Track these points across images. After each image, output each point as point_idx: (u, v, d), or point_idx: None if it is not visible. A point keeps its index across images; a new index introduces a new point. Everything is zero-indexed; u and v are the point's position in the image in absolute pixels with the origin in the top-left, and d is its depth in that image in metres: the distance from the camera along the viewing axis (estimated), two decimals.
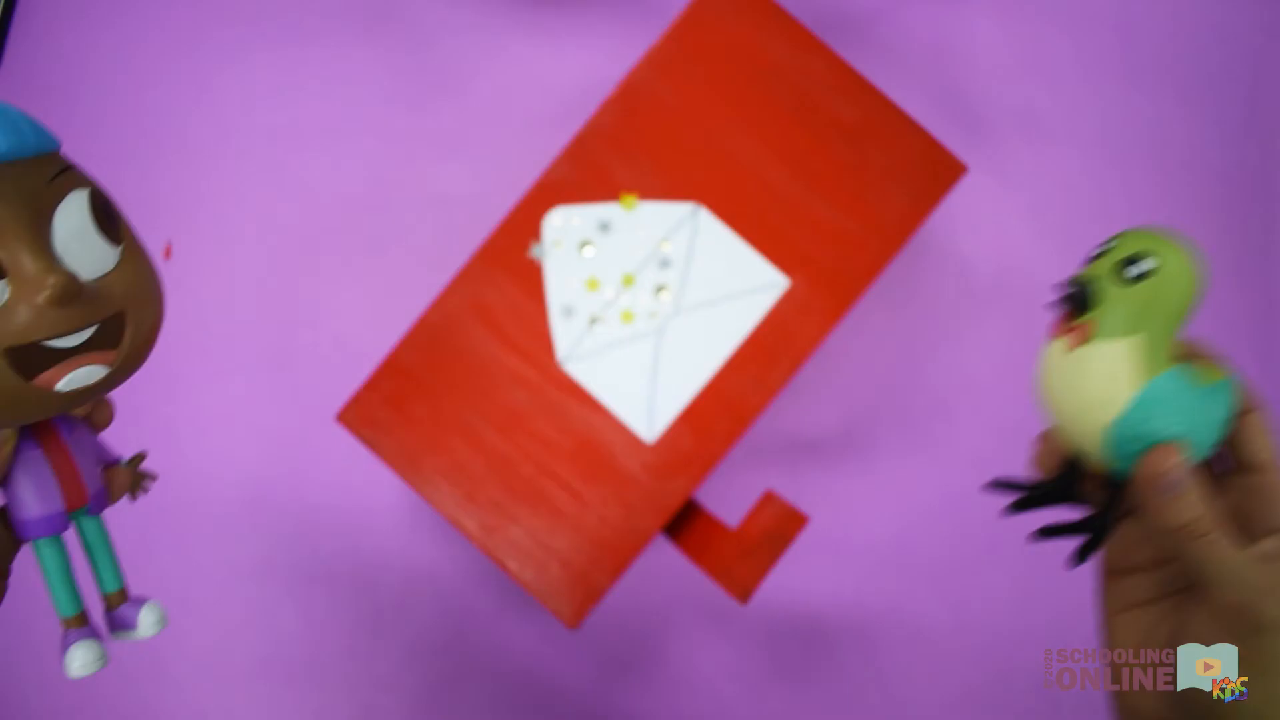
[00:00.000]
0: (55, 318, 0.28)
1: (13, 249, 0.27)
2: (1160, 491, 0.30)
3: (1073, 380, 0.31)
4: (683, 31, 0.56)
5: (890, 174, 0.55)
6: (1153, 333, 0.30)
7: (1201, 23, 0.67)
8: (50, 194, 0.29)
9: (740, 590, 0.52)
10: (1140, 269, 0.30)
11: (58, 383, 0.28)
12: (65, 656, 0.33)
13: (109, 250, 0.30)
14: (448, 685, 0.63)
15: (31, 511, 0.32)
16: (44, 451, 0.32)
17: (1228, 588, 0.30)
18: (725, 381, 0.55)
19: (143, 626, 0.35)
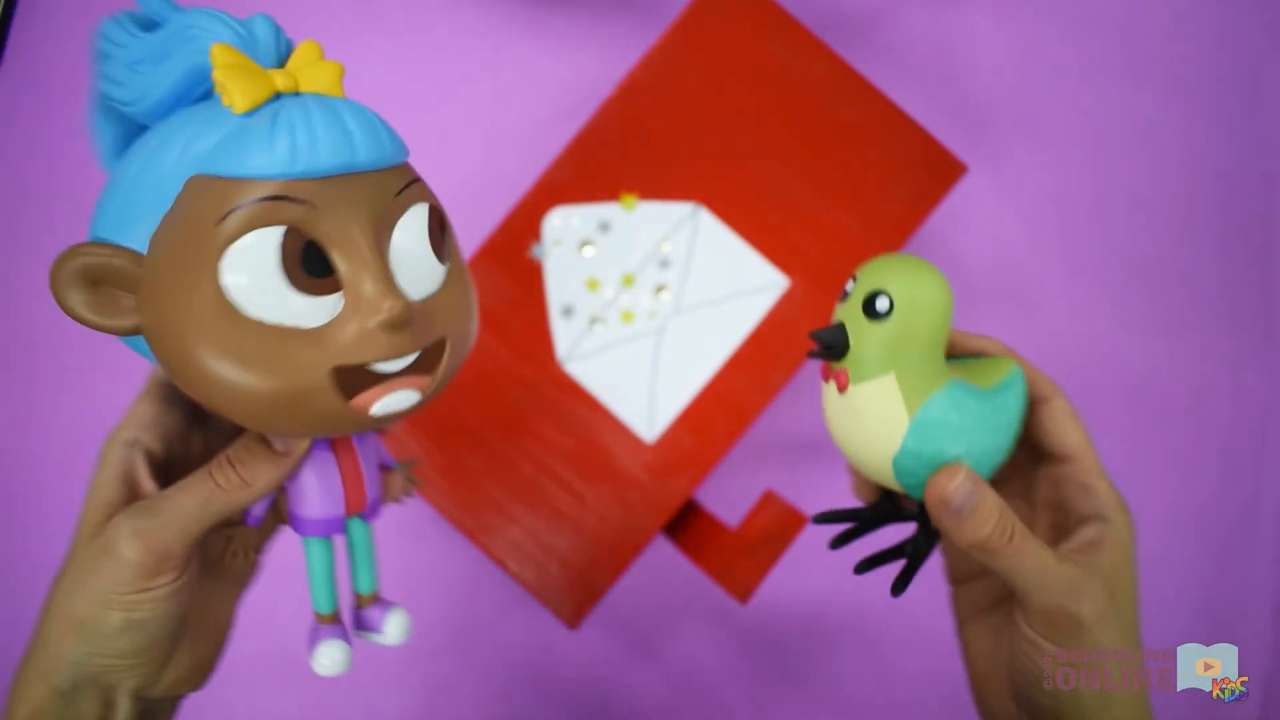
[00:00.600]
0: (385, 343, 0.26)
1: (355, 265, 0.26)
2: (951, 514, 0.30)
3: (849, 421, 0.31)
4: (683, 31, 0.56)
5: (890, 174, 0.55)
6: (908, 363, 0.30)
7: (1201, 23, 0.67)
8: (396, 208, 0.28)
9: (740, 590, 0.52)
10: (880, 307, 0.30)
11: (373, 406, 0.27)
12: (314, 651, 0.32)
13: (437, 269, 0.29)
14: (448, 685, 0.63)
15: (313, 512, 0.32)
16: (335, 455, 0.32)
17: (1039, 592, 0.30)
18: (725, 381, 0.55)
19: (388, 632, 0.34)
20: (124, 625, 0.29)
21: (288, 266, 0.25)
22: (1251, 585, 0.65)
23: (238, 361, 0.26)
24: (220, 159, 0.26)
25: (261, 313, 0.26)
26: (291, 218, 0.25)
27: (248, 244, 0.25)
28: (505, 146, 0.64)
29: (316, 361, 0.26)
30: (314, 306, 0.26)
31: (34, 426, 0.64)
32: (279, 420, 0.27)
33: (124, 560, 0.28)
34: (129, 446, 0.31)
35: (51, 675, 0.29)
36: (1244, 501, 0.65)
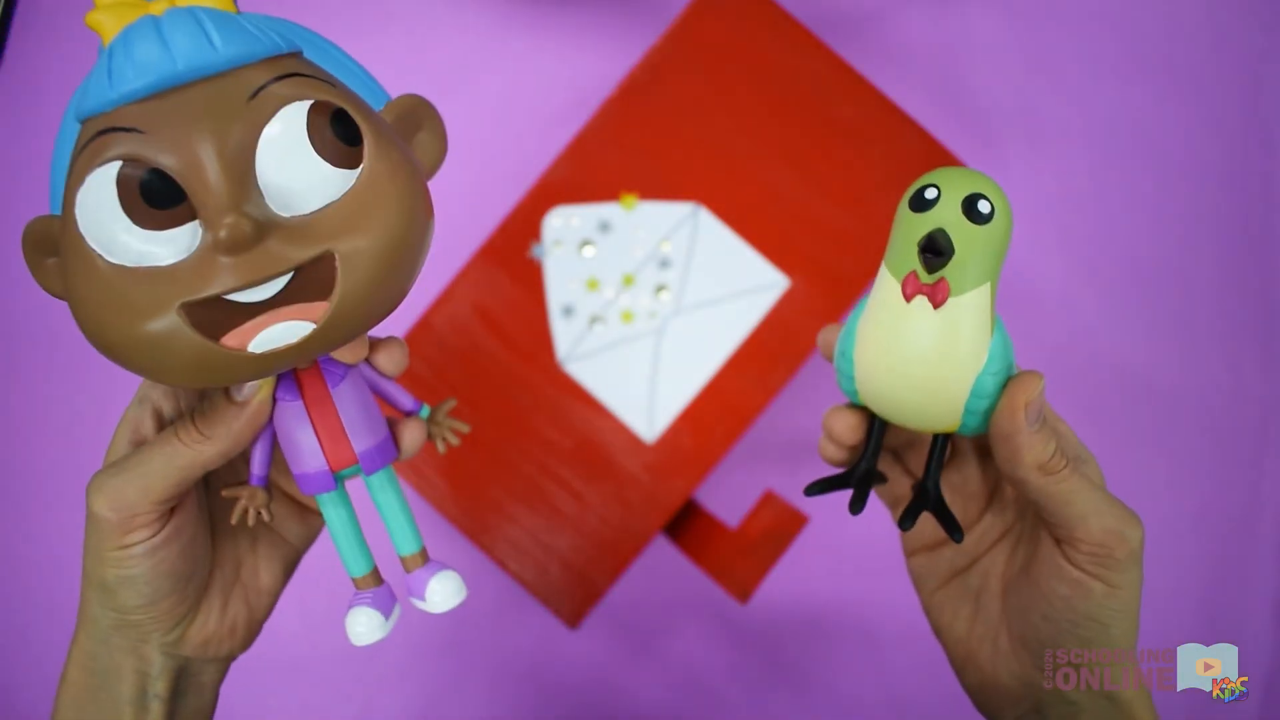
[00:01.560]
0: (227, 268, 0.24)
1: (198, 186, 0.23)
2: (1031, 422, 0.29)
3: (935, 340, 0.28)
4: (683, 31, 0.56)
5: (890, 174, 0.55)
6: (998, 272, 0.29)
7: (1202, 22, 0.67)
8: (256, 112, 0.24)
9: (740, 590, 0.52)
10: (983, 209, 0.28)
11: (248, 344, 0.24)
12: (345, 621, 0.31)
13: (337, 177, 0.25)
14: (448, 685, 0.63)
15: (296, 467, 0.29)
16: (304, 404, 0.29)
17: (1094, 518, 0.29)
18: (725, 381, 0.55)
19: (429, 600, 0.31)
20: (117, 581, 0.29)
21: (127, 203, 0.23)
22: (1251, 585, 0.65)
23: (103, 310, 0.24)
24: (79, 102, 0.25)
25: (119, 256, 0.24)
26: (120, 149, 0.23)
27: (87, 186, 0.24)
28: (505, 146, 0.64)
29: (164, 299, 0.24)
30: (167, 241, 0.24)
31: (33, 426, 0.64)
32: (157, 368, 0.25)
33: (97, 518, 0.28)
34: (140, 404, 0.31)
35: (89, 626, 0.30)
36: (1244, 501, 0.65)
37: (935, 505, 0.32)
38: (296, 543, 0.36)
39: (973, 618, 0.35)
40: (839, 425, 0.33)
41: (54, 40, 0.65)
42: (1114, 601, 0.30)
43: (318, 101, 0.25)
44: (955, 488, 0.36)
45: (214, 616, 0.32)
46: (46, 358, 0.64)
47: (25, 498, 0.63)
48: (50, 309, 0.62)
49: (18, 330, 0.64)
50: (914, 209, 0.29)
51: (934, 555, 0.36)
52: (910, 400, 0.30)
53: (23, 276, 0.25)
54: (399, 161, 0.26)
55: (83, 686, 0.31)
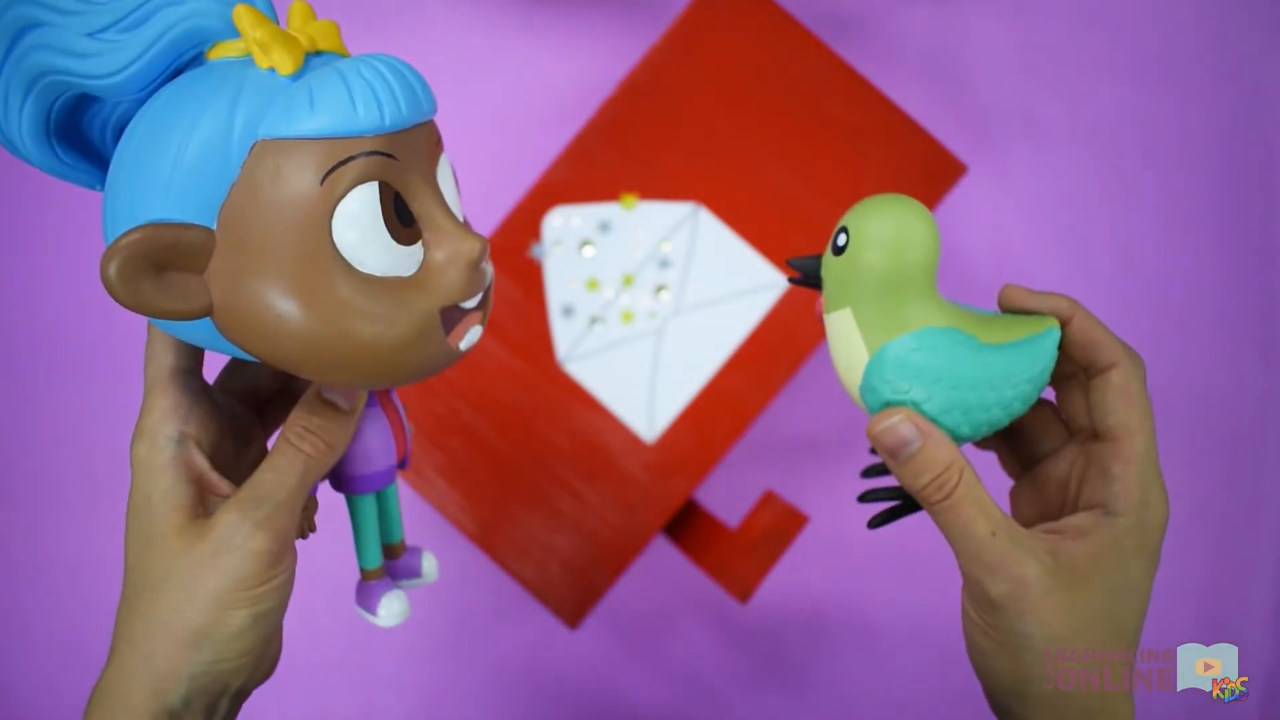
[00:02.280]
0: (476, 280, 0.28)
1: (431, 212, 0.28)
2: (887, 454, 0.30)
3: (831, 346, 0.32)
4: (683, 31, 0.56)
5: (890, 174, 0.55)
6: (864, 299, 0.31)
7: (1201, 22, 0.67)
8: (435, 156, 0.29)
9: (740, 590, 0.52)
10: (839, 242, 0.31)
11: (461, 340, 0.29)
12: (378, 606, 0.33)
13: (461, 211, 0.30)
14: (448, 685, 0.63)
15: (373, 466, 0.33)
16: (380, 405, 0.33)
17: (962, 559, 0.30)
18: (725, 381, 0.55)
19: (427, 572, 0.36)
20: (249, 622, 0.28)
21: (388, 218, 0.27)
22: (1251, 585, 0.65)
23: (352, 318, 0.26)
24: (289, 121, 0.25)
25: (372, 266, 0.27)
26: (384, 171, 0.26)
27: (355, 199, 0.26)
28: (505, 147, 0.64)
29: (427, 305, 0.27)
30: (407, 255, 0.27)
31: (32, 425, 0.64)
32: (393, 368, 0.28)
33: (251, 554, 0.28)
34: (179, 444, 0.29)
35: (166, 694, 0.28)
36: (1244, 501, 0.65)
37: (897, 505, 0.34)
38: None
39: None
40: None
41: None
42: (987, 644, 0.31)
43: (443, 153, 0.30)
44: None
45: (277, 639, 0.32)
46: (58, 341, 0.64)
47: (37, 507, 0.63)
48: (71, 300, 0.62)
49: (26, 326, 0.64)
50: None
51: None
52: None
53: (25, 266, 0.25)
54: None
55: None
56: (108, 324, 0.63)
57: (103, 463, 0.63)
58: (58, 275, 0.64)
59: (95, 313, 0.63)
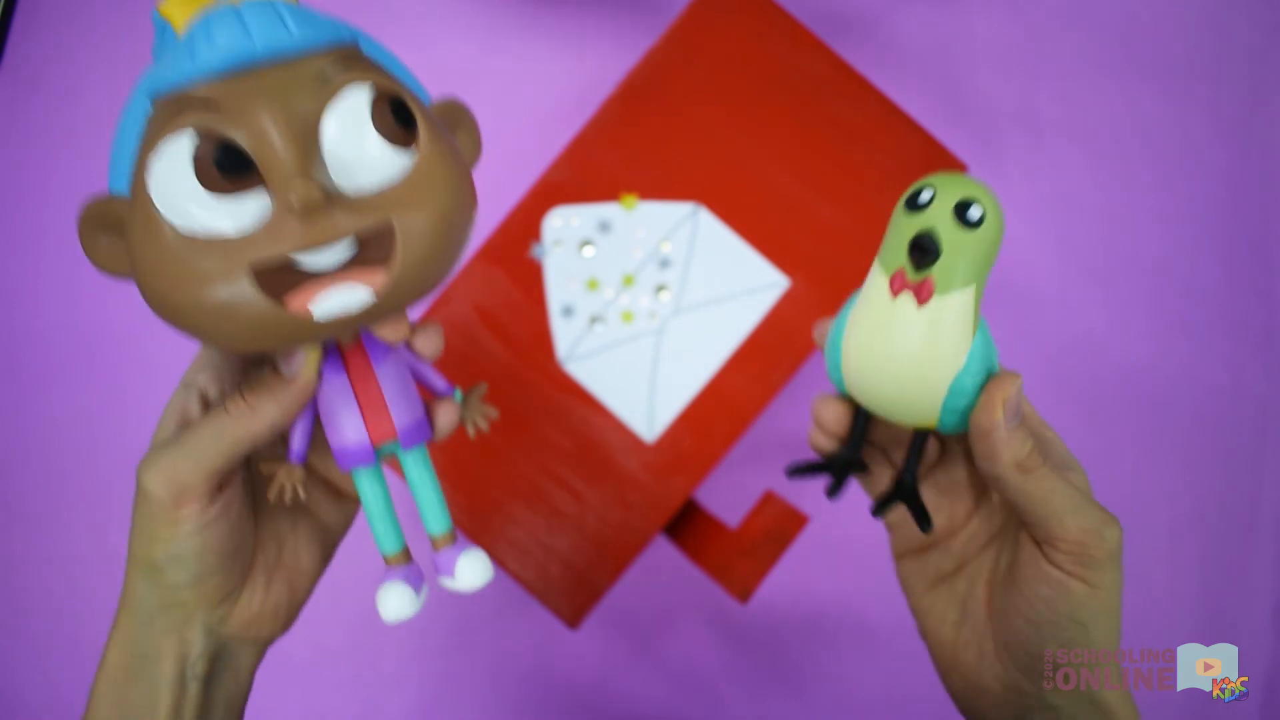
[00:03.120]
0: (297, 231, 0.25)
1: (267, 157, 0.25)
2: (1009, 420, 0.30)
3: (915, 337, 0.29)
4: (683, 31, 0.56)
5: (890, 174, 0.55)
6: (985, 277, 0.30)
7: (1201, 22, 0.67)
8: (323, 94, 0.26)
9: (740, 590, 0.52)
10: (973, 215, 0.29)
11: (310, 306, 0.26)
12: (377, 597, 0.32)
13: (392, 157, 0.27)
14: (448, 685, 0.63)
15: (336, 440, 0.31)
16: (349, 380, 0.30)
17: (1072, 516, 0.30)
18: (725, 381, 0.55)
19: (458, 578, 0.32)
20: (166, 559, 0.29)
21: (200, 170, 0.25)
22: (1251, 585, 0.65)
23: (173, 277, 0.25)
24: (154, 80, 0.26)
25: (190, 224, 0.25)
26: (196, 120, 0.25)
27: (161, 155, 0.25)
28: (505, 146, 0.64)
29: (234, 263, 0.25)
30: (236, 208, 0.25)
31: (32, 425, 0.64)
32: (223, 333, 0.26)
33: (149, 495, 0.29)
34: (186, 389, 0.31)
35: (132, 609, 0.31)
36: (1244, 501, 0.65)
37: (909, 496, 0.33)
38: (334, 526, 0.36)
39: (959, 622, 0.35)
40: (826, 414, 0.34)
41: (54, 40, 0.65)
42: (1094, 602, 0.30)
43: (378, 86, 0.27)
44: (943, 490, 0.36)
45: (258, 596, 0.32)
46: (57, 342, 0.64)
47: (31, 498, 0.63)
48: (70, 300, 0.62)
49: (26, 326, 0.64)
50: (908, 209, 0.30)
51: (922, 559, 0.36)
52: (891, 393, 0.31)
53: (25, 266, 0.25)
54: (449, 149, 0.28)
55: (123, 667, 0.31)
56: (109, 322, 0.63)
57: (104, 461, 0.63)
58: (58, 275, 0.64)
59: (97, 311, 0.63)
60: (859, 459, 0.34)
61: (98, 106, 0.66)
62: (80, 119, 0.65)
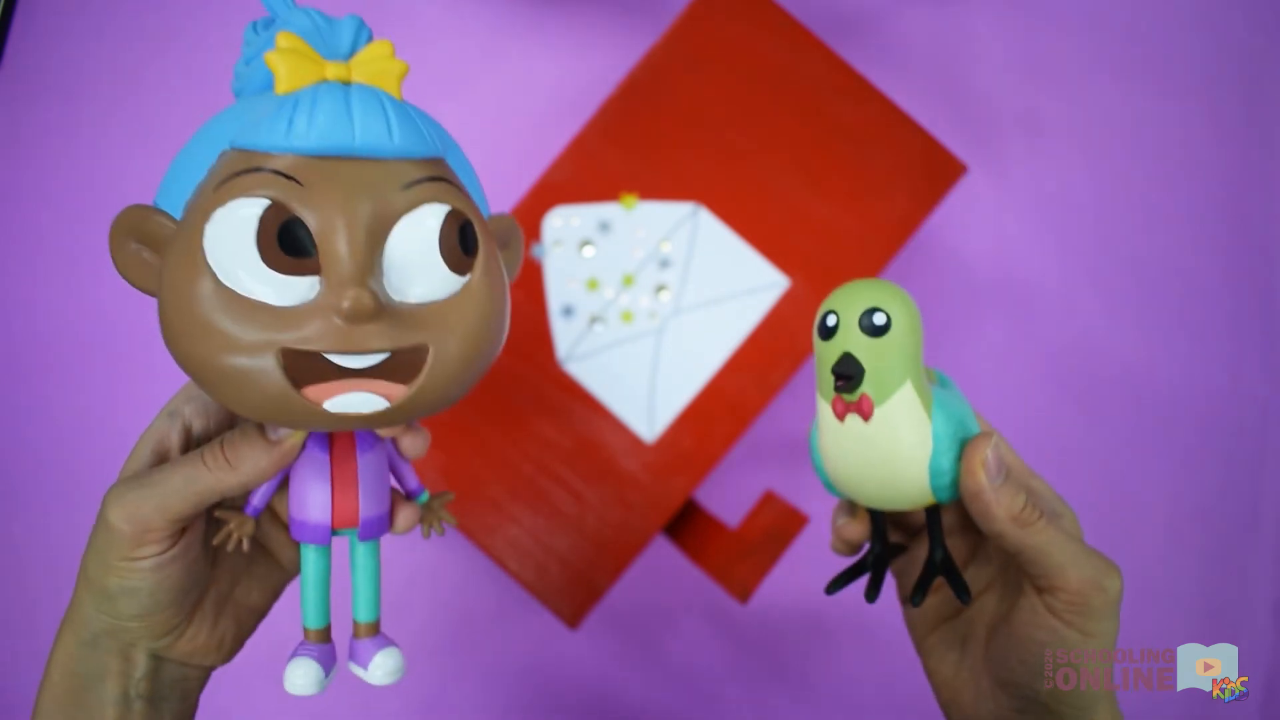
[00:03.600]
0: (339, 332, 0.25)
1: (331, 249, 0.25)
2: (992, 479, 0.30)
3: (875, 448, 0.31)
4: (683, 31, 0.56)
5: (890, 174, 0.55)
6: (916, 368, 0.31)
7: (1201, 23, 0.67)
8: (401, 202, 0.26)
9: (740, 590, 0.52)
10: (879, 321, 0.30)
11: (325, 401, 0.26)
12: (286, 669, 0.32)
13: (447, 278, 0.27)
14: (448, 685, 0.63)
15: (299, 513, 0.31)
16: (330, 460, 0.30)
17: (1073, 568, 0.30)
18: (725, 381, 0.55)
19: (372, 671, 0.33)
20: (119, 590, 0.29)
21: (262, 240, 0.25)
22: (1251, 585, 0.65)
23: (200, 327, 0.25)
24: (244, 132, 0.26)
25: (233, 283, 0.25)
26: (275, 192, 0.25)
27: (229, 210, 0.25)
28: (505, 146, 0.64)
29: (268, 339, 0.25)
30: (285, 286, 0.25)
31: (31, 424, 0.64)
32: (233, 396, 0.26)
33: (110, 528, 0.29)
34: (170, 418, 0.31)
35: (77, 627, 0.31)
36: (1244, 501, 0.65)
37: (945, 570, 0.34)
38: (288, 568, 0.36)
39: (959, 662, 0.36)
40: (848, 532, 0.36)
41: (54, 40, 0.65)
42: (1089, 648, 0.31)
43: (454, 209, 0.27)
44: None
45: (205, 630, 0.33)
46: (57, 342, 0.64)
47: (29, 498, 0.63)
48: (71, 300, 0.62)
49: (26, 326, 0.64)
50: (821, 338, 0.32)
51: (926, 603, 0.37)
52: (880, 494, 0.32)
53: (24, 266, 0.25)
54: (498, 279, 0.29)
55: (66, 686, 0.31)
56: (110, 322, 0.63)
57: (106, 458, 0.63)
58: (58, 275, 0.64)
59: (97, 311, 0.63)
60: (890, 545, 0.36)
61: (98, 106, 0.66)
62: (80, 119, 0.65)
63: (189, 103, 0.68)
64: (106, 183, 0.63)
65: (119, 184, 0.63)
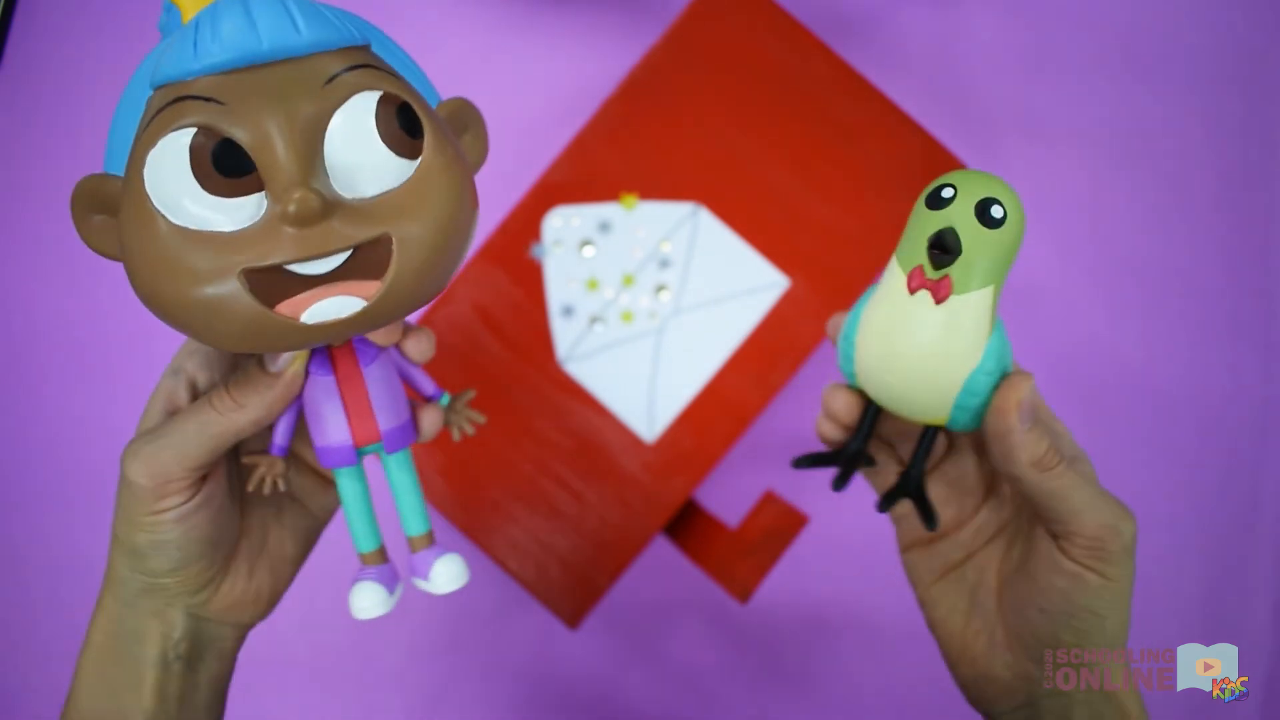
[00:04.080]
0: (292, 239, 0.25)
1: (268, 160, 0.25)
2: (1023, 420, 0.30)
3: (933, 334, 0.29)
4: (683, 31, 0.56)
5: (890, 174, 0.55)
6: (1001, 277, 0.30)
7: (1201, 22, 0.67)
8: (329, 97, 0.25)
9: (740, 590, 0.52)
10: (996, 214, 0.29)
11: (301, 313, 0.25)
12: (349, 595, 0.32)
13: (395, 164, 0.26)
14: (447, 685, 0.63)
15: (320, 439, 0.31)
16: (336, 380, 0.30)
17: (1090, 512, 0.30)
18: (725, 381, 0.55)
19: (434, 579, 0.32)
20: (149, 545, 0.30)
21: (198, 168, 0.24)
22: (1251, 585, 0.65)
23: (162, 270, 0.25)
24: (158, 69, 0.26)
25: (183, 219, 0.25)
26: (197, 117, 0.24)
27: (161, 149, 0.25)
28: (505, 146, 0.64)
29: (227, 265, 0.25)
30: (232, 209, 0.25)
31: (35, 424, 0.64)
32: (211, 330, 0.26)
33: (131, 484, 0.29)
34: (174, 375, 0.31)
35: (115, 590, 0.31)
36: (1244, 501, 0.65)
37: (915, 492, 0.33)
38: (319, 514, 0.36)
39: (968, 612, 0.35)
40: (837, 403, 0.34)
41: (54, 40, 0.65)
42: (1108, 593, 0.30)
43: (387, 93, 0.26)
44: (952, 483, 0.36)
45: (240, 582, 0.33)
46: (58, 343, 0.64)
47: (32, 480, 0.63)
48: (71, 297, 0.62)
49: (25, 323, 0.64)
50: (929, 206, 0.30)
51: (929, 550, 0.37)
52: (904, 389, 0.31)
53: (25, 264, 0.25)
54: (453, 156, 0.28)
55: (106, 649, 0.31)
56: (109, 318, 0.63)
57: (104, 456, 0.63)
58: (58, 273, 0.64)
59: (97, 307, 0.63)
60: (866, 452, 0.34)
61: (98, 105, 0.66)
62: (80, 118, 0.65)
63: None
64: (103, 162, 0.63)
65: None
